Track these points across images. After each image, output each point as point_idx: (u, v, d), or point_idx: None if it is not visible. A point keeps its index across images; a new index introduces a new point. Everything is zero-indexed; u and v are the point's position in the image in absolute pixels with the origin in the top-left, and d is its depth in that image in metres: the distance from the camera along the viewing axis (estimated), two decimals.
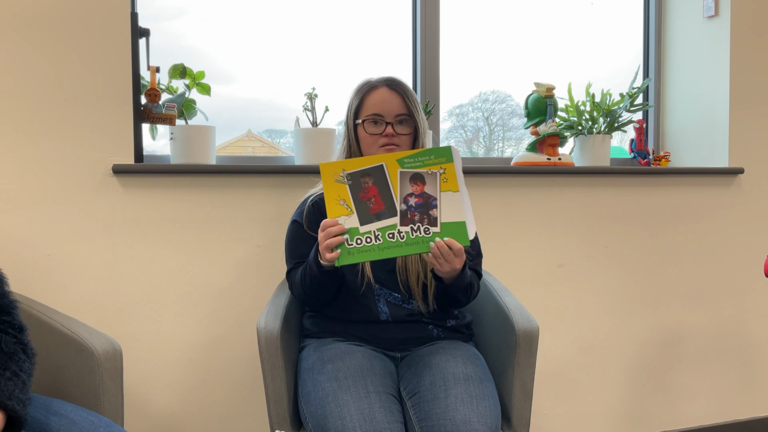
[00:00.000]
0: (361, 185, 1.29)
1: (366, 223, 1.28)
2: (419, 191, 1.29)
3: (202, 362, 1.81)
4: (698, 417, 2.33)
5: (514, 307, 1.50)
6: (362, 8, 2.20)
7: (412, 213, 1.28)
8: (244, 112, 2.13)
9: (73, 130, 1.67)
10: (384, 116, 1.47)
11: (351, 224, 1.28)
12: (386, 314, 1.47)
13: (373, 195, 1.29)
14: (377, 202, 1.28)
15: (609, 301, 2.20)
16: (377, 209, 1.28)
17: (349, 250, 1.27)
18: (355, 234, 1.27)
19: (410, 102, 1.48)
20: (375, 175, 1.29)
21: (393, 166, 1.29)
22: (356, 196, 1.28)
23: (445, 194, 1.29)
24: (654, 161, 2.31)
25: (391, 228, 1.28)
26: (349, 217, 1.28)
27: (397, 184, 1.29)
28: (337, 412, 1.24)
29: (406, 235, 1.27)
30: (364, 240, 1.27)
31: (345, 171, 1.28)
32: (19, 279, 1.60)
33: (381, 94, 1.48)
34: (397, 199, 1.28)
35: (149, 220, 1.74)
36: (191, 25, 2.03)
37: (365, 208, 1.28)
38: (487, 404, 1.29)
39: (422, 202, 1.29)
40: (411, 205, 1.28)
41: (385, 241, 1.27)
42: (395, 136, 1.46)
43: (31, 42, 1.63)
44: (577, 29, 2.44)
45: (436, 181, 1.29)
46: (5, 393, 1.04)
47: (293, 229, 1.53)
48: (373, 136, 1.47)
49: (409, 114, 1.48)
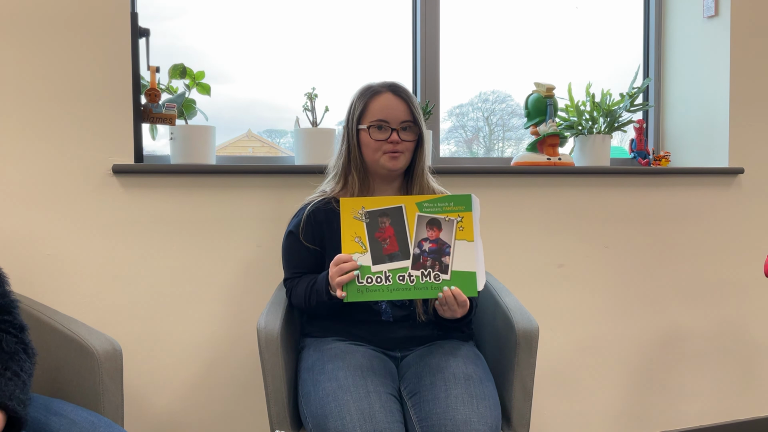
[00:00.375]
0: (378, 225, 1.31)
1: (378, 263, 1.30)
2: (434, 237, 1.32)
3: (202, 362, 1.81)
4: (698, 417, 2.33)
5: (514, 307, 1.50)
6: (362, 8, 2.20)
7: (425, 258, 1.31)
8: (244, 112, 2.13)
9: (73, 130, 1.67)
10: (389, 122, 1.46)
11: (364, 262, 1.30)
12: (387, 314, 1.47)
13: (388, 236, 1.31)
14: (392, 243, 1.31)
15: (609, 301, 2.20)
16: (391, 250, 1.31)
17: (358, 288, 1.30)
18: (367, 273, 1.30)
19: (414, 109, 1.48)
20: (393, 216, 1.32)
21: (412, 209, 1.31)
22: (372, 236, 1.31)
23: (460, 243, 1.31)
24: (654, 161, 2.31)
25: (402, 270, 1.30)
26: (363, 255, 1.31)
27: (414, 227, 1.31)
28: (337, 411, 1.24)
29: (416, 279, 1.30)
30: (375, 279, 1.30)
31: (364, 209, 1.31)
32: (19, 279, 1.60)
33: (386, 99, 1.47)
34: (412, 243, 1.31)
35: (149, 220, 1.74)
36: (191, 25, 2.03)
37: (379, 248, 1.31)
38: (487, 404, 1.29)
39: (436, 248, 1.31)
40: (425, 249, 1.31)
41: (395, 283, 1.30)
42: (400, 143, 1.46)
43: (31, 42, 1.63)
44: (577, 29, 2.44)
45: (452, 228, 1.32)
46: (6, 393, 1.04)
47: (289, 240, 1.52)
48: (377, 142, 1.46)
49: (414, 121, 1.48)
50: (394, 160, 1.46)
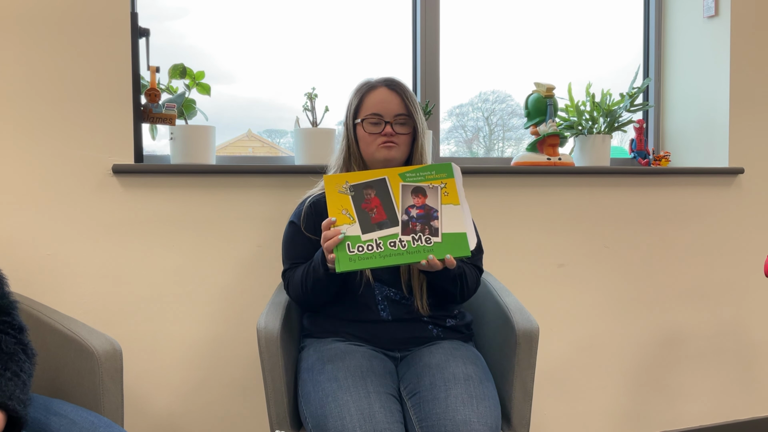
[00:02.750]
0: (364, 196, 1.32)
1: (368, 232, 1.30)
2: (421, 203, 1.32)
3: (202, 362, 1.81)
4: (698, 417, 2.33)
5: (514, 307, 1.50)
6: (362, 8, 2.20)
7: (414, 223, 1.31)
8: (244, 111, 2.13)
9: (73, 130, 1.67)
10: (383, 116, 1.47)
11: (353, 232, 1.30)
12: (386, 313, 1.47)
13: (375, 206, 1.32)
14: (379, 212, 1.31)
15: (609, 301, 2.20)
16: (379, 219, 1.31)
17: (350, 256, 1.29)
18: (357, 242, 1.29)
19: (409, 102, 1.49)
20: (377, 188, 1.32)
21: (395, 179, 1.33)
22: (359, 207, 1.32)
23: (447, 207, 1.32)
24: (654, 161, 2.31)
25: (392, 237, 1.30)
26: (352, 225, 1.30)
27: (399, 196, 1.32)
28: (337, 412, 1.24)
29: (407, 244, 1.30)
30: (366, 248, 1.29)
31: (348, 183, 1.32)
32: (19, 279, 1.60)
33: (380, 94, 1.49)
34: (399, 210, 1.31)
35: (149, 220, 1.74)
36: (193, 25, 2.03)
37: (367, 218, 1.31)
38: (487, 404, 1.29)
39: (423, 214, 1.31)
40: (412, 216, 1.31)
41: (387, 249, 1.29)
42: (394, 135, 1.47)
43: (31, 42, 1.63)
44: (577, 29, 2.44)
45: (437, 194, 1.33)
46: (6, 393, 1.04)
47: (290, 231, 1.53)
48: (372, 136, 1.47)
49: (408, 114, 1.48)
50: (388, 149, 1.47)
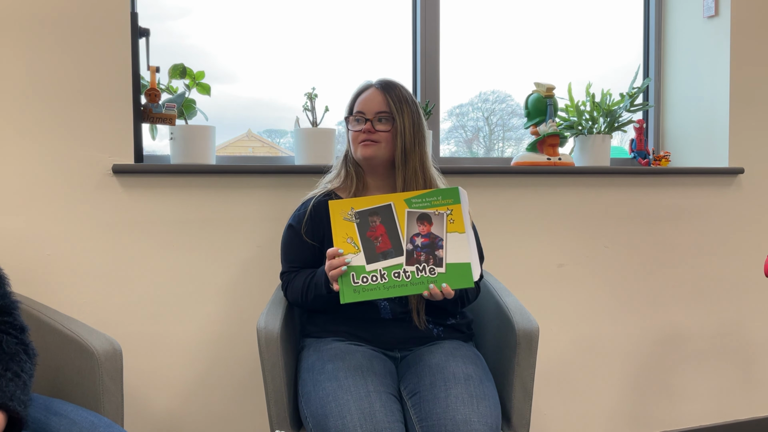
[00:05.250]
0: (369, 224, 1.31)
1: (372, 262, 1.30)
2: (426, 231, 1.32)
3: (202, 362, 1.81)
4: (698, 417, 2.33)
5: (514, 307, 1.50)
6: (362, 8, 2.20)
7: (418, 253, 1.31)
8: (246, 111, 2.13)
9: (73, 130, 1.67)
10: (365, 113, 1.49)
11: (357, 262, 1.30)
12: (387, 311, 1.47)
13: (380, 234, 1.31)
14: (384, 241, 1.31)
15: (609, 301, 2.20)
16: (384, 248, 1.31)
17: (354, 288, 1.29)
18: (362, 272, 1.30)
19: (393, 100, 1.47)
20: (383, 214, 1.32)
21: (401, 206, 1.32)
22: (364, 235, 1.31)
23: (452, 235, 1.32)
24: (654, 161, 2.31)
25: (396, 267, 1.30)
26: (356, 255, 1.30)
27: (404, 223, 1.32)
28: (338, 411, 1.24)
29: (411, 275, 1.30)
30: (370, 278, 1.29)
31: (353, 209, 1.31)
32: (19, 279, 1.60)
33: (368, 93, 1.51)
34: (404, 239, 1.31)
35: (149, 220, 1.74)
36: (195, 25, 2.03)
37: (372, 247, 1.31)
38: (487, 404, 1.29)
39: (428, 243, 1.31)
40: (417, 245, 1.31)
41: (391, 280, 1.30)
42: (374, 133, 1.47)
43: (31, 42, 1.63)
44: (577, 29, 2.44)
45: (443, 221, 1.32)
46: (6, 394, 1.04)
47: (289, 234, 1.53)
48: (354, 133, 1.50)
49: (389, 111, 1.47)
50: (366, 147, 1.47)
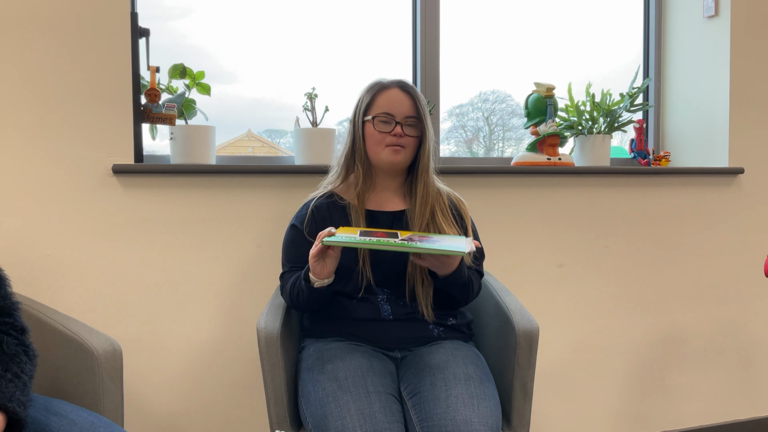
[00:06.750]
0: (370, 233, 1.37)
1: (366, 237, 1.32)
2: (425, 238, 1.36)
3: (202, 362, 1.81)
4: (698, 417, 2.33)
5: (515, 307, 1.50)
6: (363, 8, 2.20)
7: (413, 241, 1.33)
8: (247, 111, 2.13)
9: (73, 130, 1.67)
10: (395, 115, 1.48)
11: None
12: (388, 311, 1.47)
13: (380, 236, 1.34)
14: (382, 235, 1.34)
15: (609, 301, 2.20)
16: (381, 237, 1.33)
17: (338, 238, 1.28)
18: (351, 239, 1.29)
19: (420, 106, 1.50)
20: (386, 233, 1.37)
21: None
22: (364, 232, 1.37)
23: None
24: (654, 161, 2.31)
25: (388, 243, 1.30)
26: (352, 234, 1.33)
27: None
28: (338, 412, 1.24)
29: (401, 243, 1.29)
30: (358, 240, 1.28)
31: (360, 231, 1.37)
32: (19, 279, 1.60)
33: (393, 94, 1.50)
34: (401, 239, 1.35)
35: (149, 220, 1.74)
36: (196, 25, 2.03)
37: (368, 233, 1.35)
38: (487, 404, 1.29)
39: (426, 239, 1.35)
40: (414, 240, 1.33)
41: (378, 241, 1.28)
42: (403, 137, 1.48)
43: (31, 42, 1.63)
44: (577, 29, 2.44)
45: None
46: (6, 395, 1.04)
47: (292, 233, 1.53)
48: (381, 134, 1.48)
49: (418, 117, 1.49)
50: (396, 154, 1.48)
